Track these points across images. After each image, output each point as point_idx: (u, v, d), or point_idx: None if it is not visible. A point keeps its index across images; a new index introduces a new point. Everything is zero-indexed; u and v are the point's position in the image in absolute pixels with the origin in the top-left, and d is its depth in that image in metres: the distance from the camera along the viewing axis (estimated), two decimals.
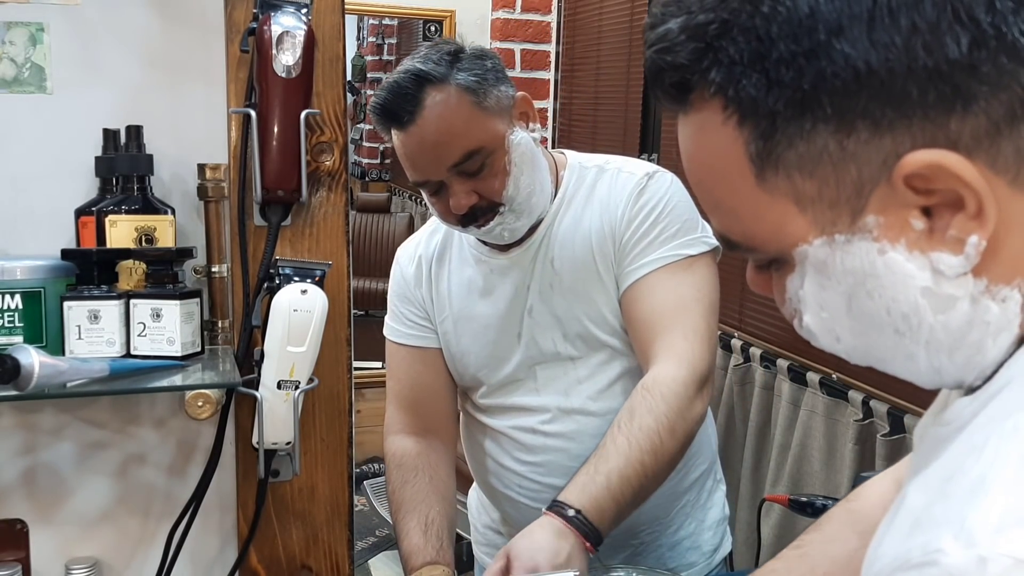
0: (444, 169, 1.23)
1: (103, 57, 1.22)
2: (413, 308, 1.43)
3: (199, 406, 1.15)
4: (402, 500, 1.35)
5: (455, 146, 1.22)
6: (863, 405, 1.90)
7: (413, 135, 1.22)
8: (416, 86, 1.21)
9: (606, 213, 1.32)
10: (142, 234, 1.18)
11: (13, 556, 1.24)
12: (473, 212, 1.25)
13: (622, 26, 3.23)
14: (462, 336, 1.39)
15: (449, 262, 1.41)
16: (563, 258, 1.33)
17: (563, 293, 1.33)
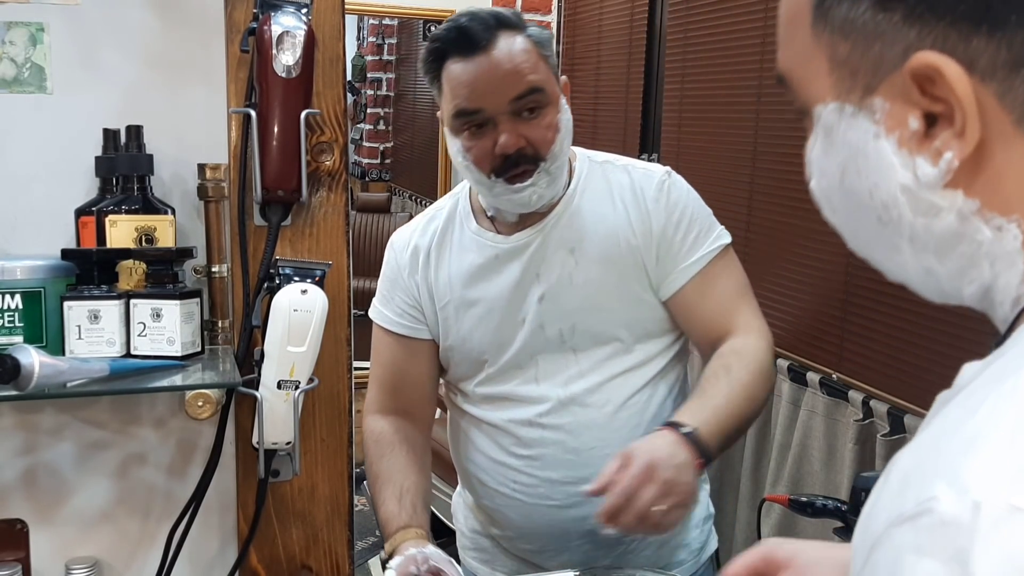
0: (506, 101, 1.25)
1: (103, 57, 1.22)
2: (404, 297, 1.43)
3: (199, 406, 1.15)
4: (379, 472, 1.39)
5: (522, 78, 1.25)
6: (863, 405, 1.90)
7: (482, 62, 1.25)
8: (495, 22, 1.26)
9: (636, 212, 1.35)
10: (142, 234, 1.18)
11: (13, 556, 1.24)
12: (515, 159, 1.26)
13: (622, 26, 3.23)
14: (464, 321, 1.38)
15: (450, 249, 1.41)
16: (586, 250, 1.34)
17: (583, 285, 1.34)
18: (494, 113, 1.25)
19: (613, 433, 1.34)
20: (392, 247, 1.47)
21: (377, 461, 1.40)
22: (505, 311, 1.36)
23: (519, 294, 1.35)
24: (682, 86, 2.65)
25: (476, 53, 1.25)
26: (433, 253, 1.41)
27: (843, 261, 1.98)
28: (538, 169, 1.27)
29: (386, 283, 1.46)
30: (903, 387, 1.84)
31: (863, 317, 1.94)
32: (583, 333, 1.35)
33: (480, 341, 1.38)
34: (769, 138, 2.22)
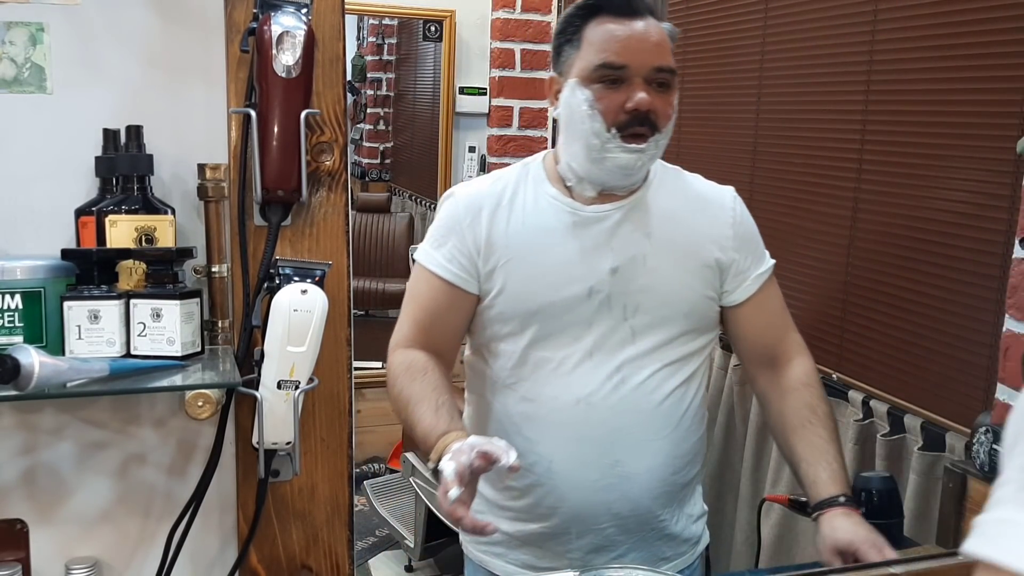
0: (650, 66, 1.33)
1: (103, 57, 1.22)
2: (458, 245, 1.42)
3: (199, 406, 1.15)
4: (411, 395, 1.36)
5: (665, 55, 1.36)
6: (863, 405, 1.90)
7: (637, 26, 1.35)
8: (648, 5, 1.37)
9: (712, 219, 1.46)
10: (142, 234, 1.18)
11: (13, 556, 1.24)
12: (641, 119, 1.33)
13: None
14: (525, 276, 1.40)
15: (518, 207, 1.43)
16: (662, 239, 1.41)
17: (655, 269, 1.40)
18: (636, 73, 1.33)
19: (654, 420, 1.40)
20: (452, 197, 1.48)
21: (409, 384, 1.37)
22: (572, 275, 1.39)
23: (590, 263, 1.39)
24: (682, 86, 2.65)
25: (633, 17, 1.34)
26: (499, 209, 1.43)
27: (843, 261, 1.98)
28: (653, 137, 1.35)
29: (441, 229, 1.46)
30: (903, 387, 1.84)
31: (863, 317, 1.94)
32: (645, 314, 1.40)
33: (538, 298, 1.39)
34: (769, 138, 2.22)
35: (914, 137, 1.82)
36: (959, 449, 1.65)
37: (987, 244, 1.64)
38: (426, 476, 2.93)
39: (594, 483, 1.39)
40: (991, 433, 1.35)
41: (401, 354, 1.42)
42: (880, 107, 1.90)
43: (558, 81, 1.40)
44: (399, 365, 1.41)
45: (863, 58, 1.93)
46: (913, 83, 1.82)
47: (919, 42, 1.80)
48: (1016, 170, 1.57)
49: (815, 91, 2.08)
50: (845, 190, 1.98)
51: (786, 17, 2.17)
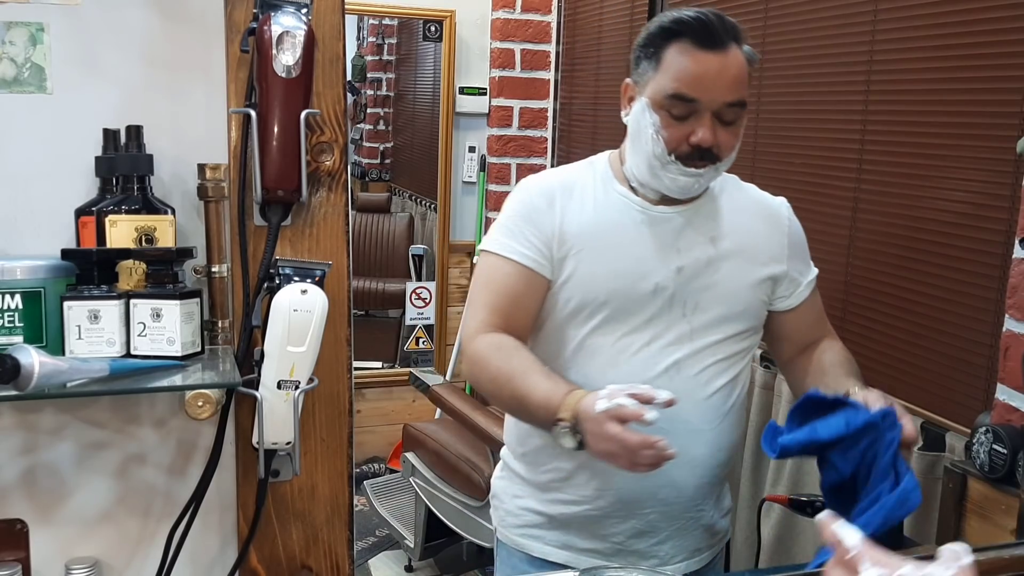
0: (721, 102, 1.36)
1: (103, 57, 1.22)
2: (536, 232, 1.45)
3: (199, 406, 1.15)
4: (513, 368, 1.36)
5: (739, 89, 1.37)
6: None
7: (716, 61, 1.35)
8: (732, 30, 1.38)
9: (772, 229, 1.52)
10: (142, 234, 1.18)
11: (13, 556, 1.24)
12: (703, 152, 1.37)
13: (622, 26, 3.23)
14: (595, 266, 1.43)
15: (594, 200, 1.46)
16: (725, 244, 1.46)
17: (717, 272, 1.45)
18: (706, 108, 1.35)
19: (705, 410, 1.45)
20: (524, 188, 1.50)
21: (507, 360, 1.38)
22: (640, 270, 1.43)
23: (658, 260, 1.43)
24: None
25: (714, 49, 1.35)
26: (571, 199, 1.46)
27: (843, 262, 1.98)
28: (713, 166, 1.39)
29: (514, 218, 1.47)
30: (903, 387, 1.84)
31: (863, 317, 1.94)
32: (704, 313, 1.44)
33: (606, 289, 1.43)
34: (769, 138, 2.22)
35: (914, 137, 1.82)
36: (959, 449, 1.65)
37: (987, 244, 1.64)
38: (425, 476, 2.93)
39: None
40: (991, 433, 1.35)
41: (485, 338, 1.42)
42: (880, 107, 1.90)
43: (632, 89, 1.44)
44: (487, 347, 1.40)
45: (863, 58, 1.93)
46: (913, 83, 1.82)
47: (919, 42, 1.80)
48: (1016, 170, 1.57)
49: (815, 91, 2.08)
50: (845, 190, 1.98)
51: (786, 17, 2.17)
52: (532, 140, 3.90)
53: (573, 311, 1.44)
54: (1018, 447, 1.32)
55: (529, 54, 3.81)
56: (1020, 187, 1.48)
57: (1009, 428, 1.34)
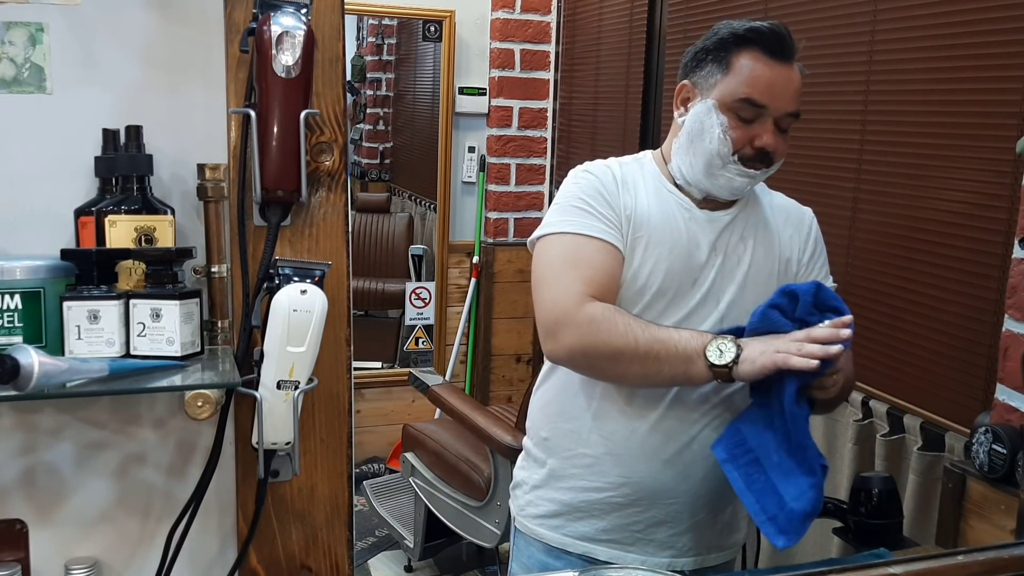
0: (785, 110, 1.44)
1: (103, 57, 1.22)
2: (612, 212, 1.48)
3: (199, 406, 1.15)
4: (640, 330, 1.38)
5: (798, 102, 1.46)
6: (863, 405, 1.90)
7: (786, 71, 1.44)
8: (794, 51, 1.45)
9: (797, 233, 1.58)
10: (142, 234, 1.18)
11: (13, 556, 1.24)
12: (765, 155, 1.44)
13: (622, 26, 3.23)
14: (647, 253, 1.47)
15: (647, 193, 1.51)
16: (757, 243, 1.53)
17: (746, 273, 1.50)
18: (772, 114, 1.43)
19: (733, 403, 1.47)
20: (589, 172, 1.52)
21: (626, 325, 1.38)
22: (684, 265, 1.48)
23: (699, 257, 1.49)
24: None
25: (784, 61, 1.43)
26: (632, 186, 1.51)
27: (843, 262, 1.98)
28: (766, 169, 1.47)
29: (587, 200, 1.48)
30: (903, 387, 1.84)
31: (863, 317, 1.94)
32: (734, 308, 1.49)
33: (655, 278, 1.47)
34: None
35: (914, 137, 1.82)
36: (959, 449, 1.65)
37: (987, 244, 1.64)
38: (425, 476, 2.93)
39: (671, 457, 1.47)
40: (991, 433, 1.35)
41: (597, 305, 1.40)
42: (880, 107, 1.90)
43: (690, 91, 1.49)
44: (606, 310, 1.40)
45: (863, 58, 1.93)
46: (913, 83, 1.82)
47: (919, 42, 1.80)
48: (1016, 170, 1.57)
49: (815, 91, 2.08)
50: (845, 190, 1.98)
51: (786, 17, 2.17)
52: (532, 140, 3.90)
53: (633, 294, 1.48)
54: (1018, 447, 1.32)
55: (529, 54, 3.81)
56: (1020, 187, 1.48)
57: (1009, 428, 1.34)
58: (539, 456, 1.58)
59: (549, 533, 1.56)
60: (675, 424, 1.47)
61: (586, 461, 1.51)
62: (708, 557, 1.54)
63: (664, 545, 1.50)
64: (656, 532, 1.50)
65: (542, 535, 1.56)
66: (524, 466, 1.63)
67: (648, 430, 1.47)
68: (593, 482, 1.51)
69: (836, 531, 1.50)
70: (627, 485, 1.49)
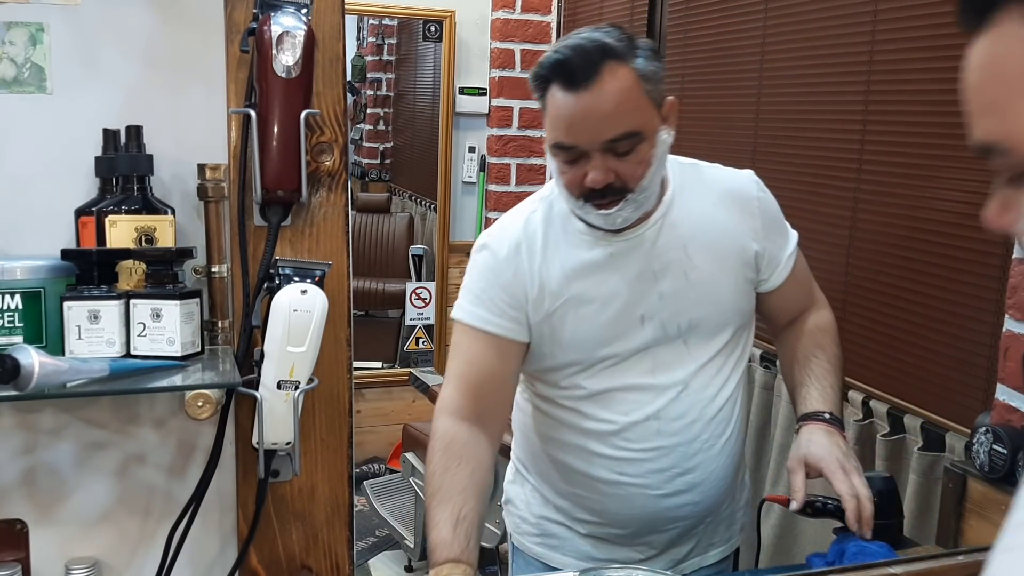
0: (599, 141, 1.25)
1: (103, 57, 1.22)
2: (505, 297, 1.39)
3: (199, 406, 1.15)
4: (440, 487, 1.31)
5: (618, 123, 1.25)
6: (863, 405, 1.90)
7: (581, 100, 1.23)
8: (600, 55, 1.23)
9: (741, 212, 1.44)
10: (142, 234, 1.18)
11: (13, 556, 1.24)
12: (604, 191, 1.28)
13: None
14: (580, 316, 1.38)
15: (558, 246, 1.39)
16: (699, 247, 1.40)
17: (699, 282, 1.40)
18: (589, 148, 1.26)
19: (717, 426, 1.43)
20: (487, 248, 1.42)
21: (441, 473, 1.32)
22: (623, 308, 1.37)
23: (637, 291, 1.37)
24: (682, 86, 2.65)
25: (578, 89, 1.24)
26: (540, 251, 1.39)
27: (843, 262, 1.98)
28: (625, 199, 1.29)
29: (481, 283, 1.41)
30: (903, 387, 1.84)
31: (862, 317, 1.94)
32: (697, 327, 1.40)
33: (595, 336, 1.38)
34: (769, 138, 2.22)
35: (914, 137, 1.82)
36: (959, 449, 1.64)
37: (987, 244, 1.64)
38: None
39: (662, 491, 1.42)
40: (991, 433, 1.35)
41: (445, 423, 1.37)
42: (880, 107, 1.90)
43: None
44: (440, 439, 1.35)
45: (863, 58, 1.93)
46: (913, 83, 1.82)
47: (919, 42, 1.80)
48: None
49: (815, 91, 2.08)
50: (845, 190, 1.98)
51: (786, 17, 2.17)
52: (532, 140, 3.90)
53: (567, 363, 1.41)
54: (1018, 447, 1.31)
55: (529, 54, 3.81)
56: None
57: (1009, 428, 1.34)
58: (533, 481, 1.56)
59: (548, 552, 1.53)
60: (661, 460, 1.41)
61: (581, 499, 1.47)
62: (707, 556, 1.53)
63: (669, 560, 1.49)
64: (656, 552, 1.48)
65: (540, 555, 1.54)
66: (513, 480, 1.60)
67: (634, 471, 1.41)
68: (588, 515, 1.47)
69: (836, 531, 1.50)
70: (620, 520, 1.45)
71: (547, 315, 1.38)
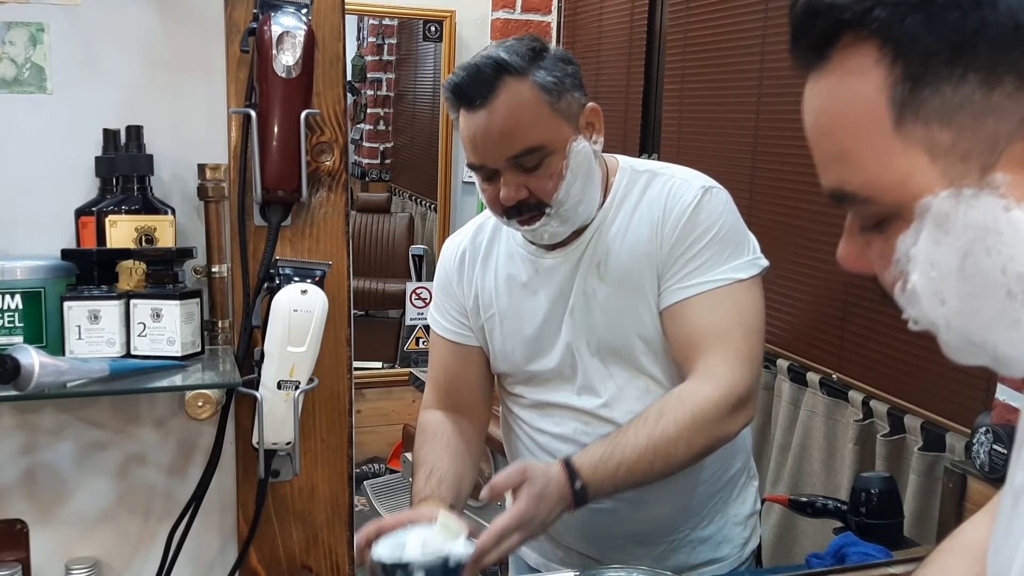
0: (502, 159, 1.27)
1: (103, 57, 1.22)
2: (453, 304, 1.45)
3: (199, 406, 1.15)
4: (416, 459, 1.41)
5: (518, 139, 1.25)
6: (863, 405, 1.90)
7: (480, 119, 1.26)
8: (495, 73, 1.24)
9: (657, 222, 1.33)
10: (142, 234, 1.18)
11: (13, 556, 1.24)
12: (519, 207, 1.28)
13: (622, 26, 3.23)
14: (506, 331, 1.41)
15: (496, 258, 1.42)
16: (610, 266, 1.35)
17: (603, 300, 1.35)
18: (495, 167, 1.29)
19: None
20: (442, 256, 1.49)
21: (418, 449, 1.42)
22: (542, 326, 1.39)
23: (555, 310, 1.38)
24: (682, 86, 2.65)
25: (475, 108, 1.26)
26: (477, 264, 1.43)
27: None
28: (545, 214, 1.29)
29: (438, 291, 1.48)
30: (903, 387, 1.84)
31: (863, 318, 1.94)
32: (608, 348, 1.37)
33: (520, 353, 1.41)
34: (769, 138, 2.22)
35: None
36: (959, 449, 1.65)
37: None
38: None
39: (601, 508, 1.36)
40: (991, 433, 1.35)
41: (423, 415, 1.48)
42: None
43: None
44: (419, 427, 1.46)
45: None
46: None
47: None
48: None
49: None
50: None
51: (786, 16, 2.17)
52: None
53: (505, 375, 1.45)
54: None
55: None
56: None
57: (1009, 428, 1.34)
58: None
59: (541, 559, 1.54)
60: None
61: None
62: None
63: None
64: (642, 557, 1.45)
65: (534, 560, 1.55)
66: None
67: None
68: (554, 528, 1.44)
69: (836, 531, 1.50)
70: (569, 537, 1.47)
71: (480, 326, 1.43)
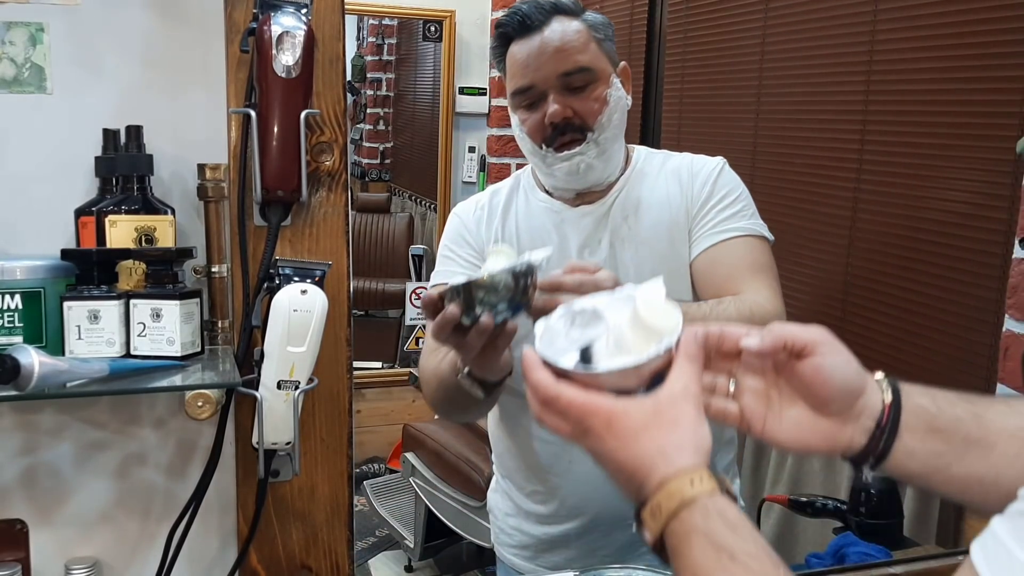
0: (554, 75, 1.35)
1: (103, 57, 1.22)
2: (469, 252, 1.47)
3: (199, 406, 1.15)
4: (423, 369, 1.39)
5: (570, 57, 1.35)
6: None
7: (535, 41, 1.35)
8: (551, 8, 1.37)
9: (684, 185, 1.43)
10: (142, 234, 1.18)
11: (13, 556, 1.24)
12: (563, 128, 1.35)
13: (622, 26, 3.22)
14: None
15: (516, 211, 1.48)
16: (640, 219, 1.42)
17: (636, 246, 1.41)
18: (544, 87, 1.35)
19: None
20: (455, 215, 1.52)
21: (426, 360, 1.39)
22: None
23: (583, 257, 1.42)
24: (682, 86, 2.65)
25: (531, 33, 1.36)
26: (496, 216, 1.48)
27: (843, 261, 1.98)
28: (586, 139, 1.36)
29: (449, 245, 1.49)
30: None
31: (862, 317, 1.94)
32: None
33: None
34: (769, 138, 2.22)
35: (914, 137, 1.82)
36: None
37: (987, 244, 1.64)
38: (425, 476, 2.93)
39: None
40: None
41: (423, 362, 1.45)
42: (880, 107, 1.90)
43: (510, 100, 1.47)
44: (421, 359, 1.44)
45: (863, 58, 1.93)
46: (913, 83, 1.82)
47: (919, 42, 1.80)
48: (1016, 170, 1.57)
49: (815, 91, 2.08)
50: (845, 190, 1.98)
51: (786, 17, 2.17)
52: None
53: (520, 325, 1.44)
54: None
55: None
56: (1020, 187, 1.48)
57: None
58: (505, 487, 1.57)
59: (525, 563, 1.54)
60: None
61: (540, 497, 1.49)
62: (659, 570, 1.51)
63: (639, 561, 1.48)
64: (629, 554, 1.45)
65: (519, 566, 1.55)
66: (495, 489, 1.62)
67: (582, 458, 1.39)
68: (551, 517, 1.48)
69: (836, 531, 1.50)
70: (581, 515, 1.46)
71: None
